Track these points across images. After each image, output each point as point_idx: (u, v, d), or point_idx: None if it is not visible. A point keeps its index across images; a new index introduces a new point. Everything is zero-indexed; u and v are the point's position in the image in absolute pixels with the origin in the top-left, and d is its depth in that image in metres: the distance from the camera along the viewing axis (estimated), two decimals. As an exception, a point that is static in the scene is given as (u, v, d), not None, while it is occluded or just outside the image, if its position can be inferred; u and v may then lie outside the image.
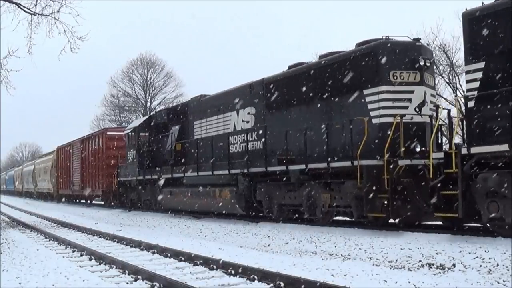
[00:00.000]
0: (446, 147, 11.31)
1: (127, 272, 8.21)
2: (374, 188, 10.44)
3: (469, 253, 7.86)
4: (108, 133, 27.77)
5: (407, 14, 61.17)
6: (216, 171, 15.75)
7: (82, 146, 31.16)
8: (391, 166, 10.29)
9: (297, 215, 13.48)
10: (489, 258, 7.42)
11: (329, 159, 11.58)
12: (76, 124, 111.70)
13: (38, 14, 16.16)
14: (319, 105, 12.64)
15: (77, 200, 35.27)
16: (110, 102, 52.90)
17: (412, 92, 11.11)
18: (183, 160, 18.14)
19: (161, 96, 52.02)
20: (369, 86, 11.28)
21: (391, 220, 10.75)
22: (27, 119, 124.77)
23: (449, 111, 11.47)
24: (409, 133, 10.80)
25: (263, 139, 14.21)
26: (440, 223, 10.72)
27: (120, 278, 7.92)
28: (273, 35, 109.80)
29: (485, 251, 7.79)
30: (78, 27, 16.20)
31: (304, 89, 13.10)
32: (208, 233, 13.61)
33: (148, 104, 51.87)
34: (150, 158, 20.72)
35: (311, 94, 12.88)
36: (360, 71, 11.53)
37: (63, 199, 36.89)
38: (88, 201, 33.46)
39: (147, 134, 21.29)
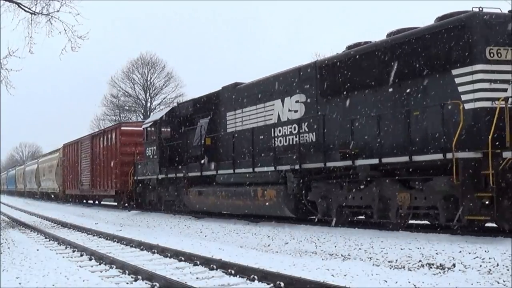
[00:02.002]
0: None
1: (127, 272, 8.21)
2: (472, 185, 8.91)
3: (469, 253, 7.84)
4: (123, 128, 25.25)
5: (405, 14, 61.23)
6: (258, 167, 13.79)
7: (92, 142, 28.83)
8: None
9: (356, 218, 11.92)
10: (489, 258, 7.41)
11: (412, 151, 9.85)
12: (76, 124, 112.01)
13: (38, 14, 16.20)
14: (391, 90, 10.84)
15: (85, 201, 33.18)
16: (110, 102, 53.06)
17: (511, 72, 9.42)
18: (213, 156, 16.33)
19: (161, 96, 52.16)
20: (459, 65, 9.57)
21: (488, 224, 9.62)
22: (27, 119, 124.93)
23: None
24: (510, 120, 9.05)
25: (319, 130, 12.28)
26: None
27: (120, 278, 7.92)
28: (274, 36, 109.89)
29: (485, 251, 7.78)
30: (79, 26, 16.26)
31: (370, 71, 11.25)
32: (208, 233, 13.60)
33: (149, 104, 51.95)
34: (173, 154, 18.77)
35: (380, 77, 11.05)
36: (447, 49, 9.78)
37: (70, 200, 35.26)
38: (96, 202, 31.66)
39: (168, 129, 19.51)
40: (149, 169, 20.11)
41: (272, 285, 6.88)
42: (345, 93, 11.90)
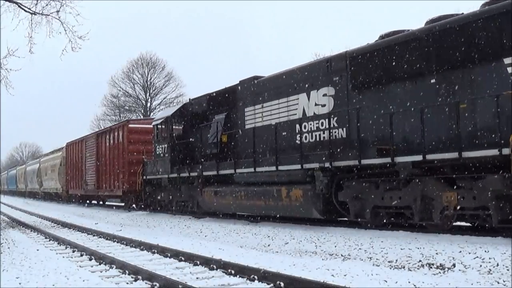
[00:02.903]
0: None
1: (127, 272, 8.21)
2: None
3: (469, 253, 7.84)
4: (130, 125, 24.00)
5: (403, 14, 61.27)
6: (283, 166, 12.88)
7: (97, 141, 27.62)
8: None
9: (387, 218, 10.92)
10: (489, 258, 7.41)
11: (461, 147, 9.02)
12: (77, 124, 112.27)
13: (39, 14, 16.22)
14: (433, 81, 10.05)
15: (89, 201, 32.30)
16: (110, 102, 53.19)
17: None
18: (230, 154, 15.53)
19: (161, 96, 52.24)
20: None
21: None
22: (27, 119, 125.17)
23: None
24: None
25: (351, 125, 11.51)
26: None
27: (120, 278, 7.92)
28: (273, 35, 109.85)
29: (485, 251, 7.78)
30: (79, 27, 16.30)
31: (410, 61, 10.47)
32: (208, 233, 13.59)
33: (149, 104, 52.00)
34: (186, 152, 17.85)
35: (420, 68, 10.28)
36: (496, 35, 9.02)
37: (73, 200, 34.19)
38: (101, 202, 30.81)
39: (180, 126, 18.59)
40: (159, 168, 19.15)
41: (272, 285, 6.88)
42: (381, 85, 11.12)
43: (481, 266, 7.22)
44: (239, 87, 15.86)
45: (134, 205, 23.50)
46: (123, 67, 52.77)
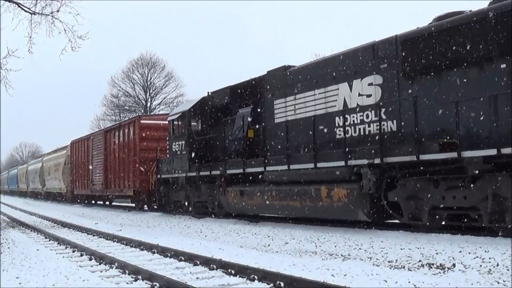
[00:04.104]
0: None
1: (127, 272, 8.21)
2: None
3: (469, 253, 7.85)
4: (142, 121, 22.71)
5: (402, 15, 61.34)
6: (322, 162, 11.69)
7: (105, 138, 26.43)
8: None
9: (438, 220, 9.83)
10: (489, 258, 7.41)
11: None
12: (76, 124, 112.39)
13: (38, 14, 16.23)
14: (503, 66, 8.88)
15: (94, 201, 31.69)
16: (110, 102, 53.34)
17: None
18: (258, 151, 14.45)
19: (161, 96, 52.34)
20: None
21: None
22: (27, 119, 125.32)
23: None
24: None
25: (404, 117, 10.43)
26: None
27: (120, 278, 7.91)
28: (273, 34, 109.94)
29: (485, 251, 7.78)
30: (79, 26, 16.32)
31: (475, 44, 9.30)
32: (208, 233, 13.60)
33: (149, 104, 52.07)
34: (205, 149, 16.85)
35: (487, 52, 9.14)
36: None
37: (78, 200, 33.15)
38: (107, 202, 29.88)
39: (198, 122, 17.61)
40: (175, 166, 17.99)
41: (272, 285, 6.88)
42: (439, 71, 9.96)
43: (481, 266, 7.22)
44: (267, 78, 14.69)
45: (146, 206, 22.69)
46: (123, 67, 52.98)
